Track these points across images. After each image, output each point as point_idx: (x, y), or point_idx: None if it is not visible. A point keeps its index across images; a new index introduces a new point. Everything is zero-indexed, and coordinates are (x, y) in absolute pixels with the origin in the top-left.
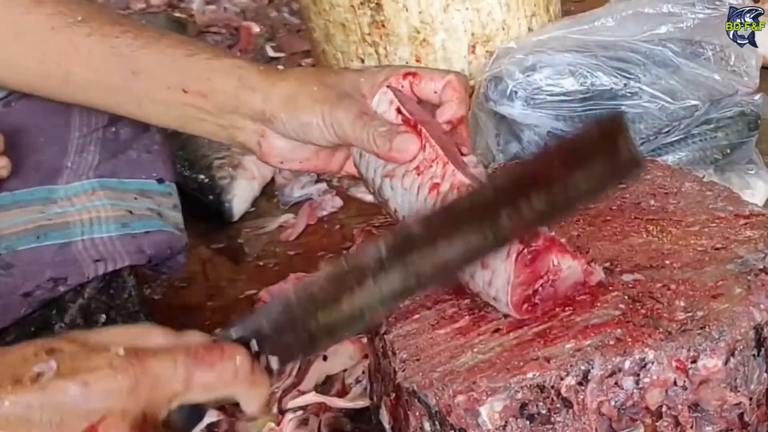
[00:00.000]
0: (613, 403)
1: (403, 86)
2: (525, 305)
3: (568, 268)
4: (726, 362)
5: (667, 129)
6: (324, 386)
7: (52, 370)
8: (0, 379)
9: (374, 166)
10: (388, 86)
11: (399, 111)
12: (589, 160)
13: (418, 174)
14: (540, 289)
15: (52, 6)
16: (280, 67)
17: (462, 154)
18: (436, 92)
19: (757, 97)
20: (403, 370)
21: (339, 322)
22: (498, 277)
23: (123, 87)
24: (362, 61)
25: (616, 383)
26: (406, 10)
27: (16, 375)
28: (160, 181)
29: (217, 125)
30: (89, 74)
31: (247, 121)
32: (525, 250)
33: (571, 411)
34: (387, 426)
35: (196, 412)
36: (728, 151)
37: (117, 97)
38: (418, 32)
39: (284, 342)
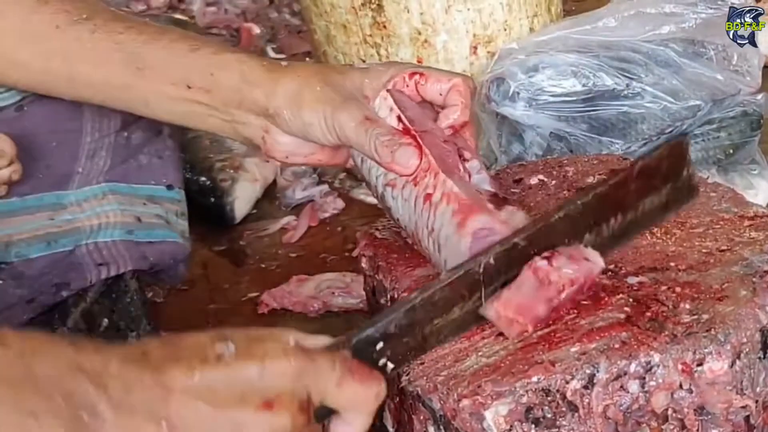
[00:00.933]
0: (618, 406)
1: (408, 86)
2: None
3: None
4: (732, 365)
5: (669, 129)
6: None
7: (232, 351)
8: (187, 357)
9: (376, 173)
10: (388, 90)
11: (399, 119)
12: (659, 184)
13: (415, 184)
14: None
15: (57, 5)
16: (284, 63)
17: (465, 160)
18: (441, 94)
19: (759, 96)
20: (407, 374)
21: (449, 327)
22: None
23: (128, 83)
24: (364, 62)
25: (621, 387)
26: (408, 11)
27: (201, 354)
28: (170, 187)
29: (222, 120)
30: (94, 71)
31: (251, 116)
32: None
33: (576, 415)
34: (391, 429)
35: (326, 415)
36: (731, 151)
37: (123, 94)
38: (420, 33)
39: (402, 345)
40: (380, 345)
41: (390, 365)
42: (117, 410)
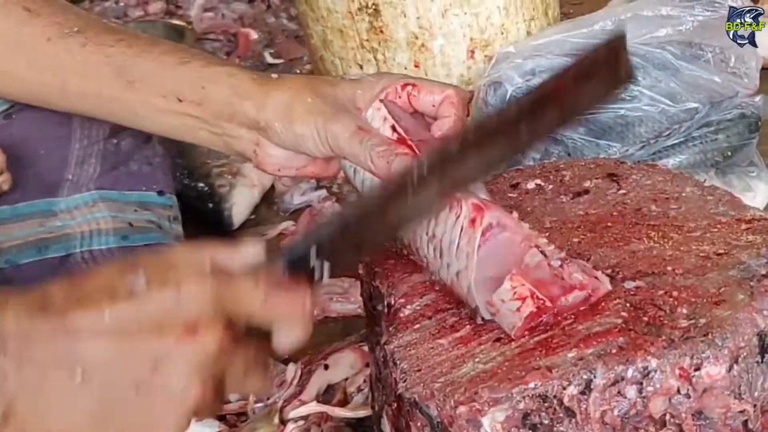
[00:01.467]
0: (616, 412)
1: (400, 97)
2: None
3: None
4: (729, 369)
5: (667, 132)
6: (325, 395)
7: (143, 283)
8: (97, 297)
9: (370, 184)
10: (381, 100)
11: (394, 128)
12: (595, 75)
13: None
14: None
15: (48, 17)
16: (274, 75)
17: None
18: (433, 105)
19: (757, 98)
20: (404, 381)
21: (384, 231)
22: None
23: (119, 96)
24: (361, 67)
25: (619, 392)
26: (404, 15)
27: (109, 292)
28: (161, 193)
29: (212, 134)
30: (85, 84)
31: (242, 129)
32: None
33: (574, 421)
34: None
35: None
36: (729, 153)
37: (113, 106)
38: (417, 37)
39: (337, 251)
40: (315, 259)
41: (326, 264)
42: (19, 364)
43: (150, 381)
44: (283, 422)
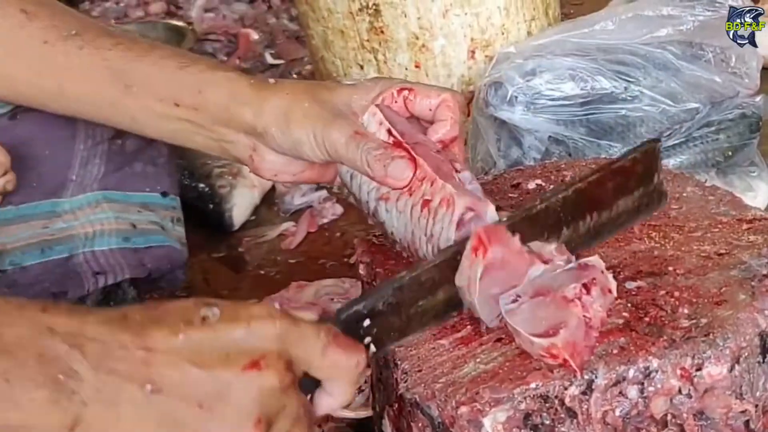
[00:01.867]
0: (617, 412)
1: (397, 101)
2: None
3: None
4: (731, 369)
5: (668, 132)
6: None
7: (217, 315)
8: (173, 320)
9: (367, 189)
10: (377, 105)
11: (390, 132)
12: (632, 186)
13: (410, 194)
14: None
15: (46, 20)
16: (272, 80)
17: (456, 171)
18: (430, 110)
19: (758, 98)
20: (405, 381)
21: (433, 310)
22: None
23: (116, 100)
24: (361, 67)
25: (620, 392)
26: (405, 15)
27: (185, 318)
28: (164, 194)
29: (209, 138)
30: (83, 87)
31: (239, 134)
32: None
33: (575, 421)
34: None
35: (309, 386)
36: (730, 153)
37: (111, 110)
38: (417, 38)
39: (387, 323)
40: (367, 322)
41: (373, 347)
42: (96, 371)
43: (212, 405)
44: None
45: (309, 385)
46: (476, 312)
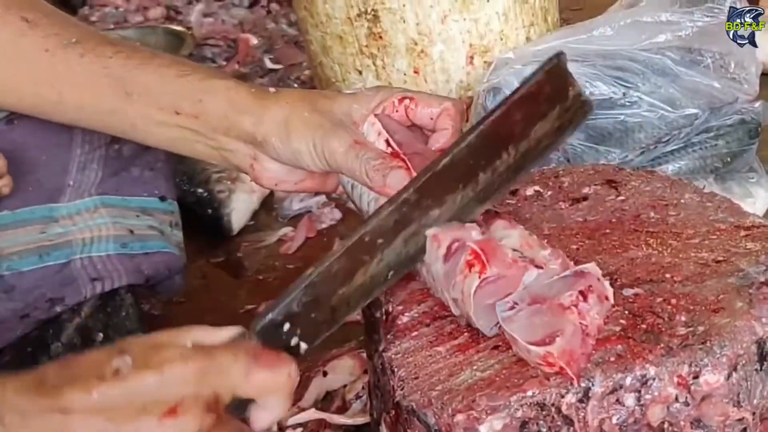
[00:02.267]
0: (614, 420)
1: (398, 111)
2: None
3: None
4: (728, 377)
5: (666, 138)
6: (324, 402)
7: (129, 364)
8: (84, 376)
9: (367, 198)
10: (376, 115)
11: (388, 143)
12: (546, 109)
13: None
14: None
15: (47, 28)
16: (272, 89)
17: None
18: (432, 119)
19: (757, 104)
20: (402, 389)
21: (357, 293)
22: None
23: (116, 108)
24: (360, 72)
25: (617, 400)
26: (404, 21)
27: (97, 372)
28: (162, 198)
29: (209, 147)
30: (83, 95)
31: (239, 143)
32: None
33: (572, 429)
34: None
35: (243, 405)
36: (729, 159)
37: (111, 118)
38: (416, 43)
39: (311, 321)
40: (287, 326)
41: (303, 345)
42: None
43: None
44: (282, 429)
45: (242, 404)
46: (473, 323)
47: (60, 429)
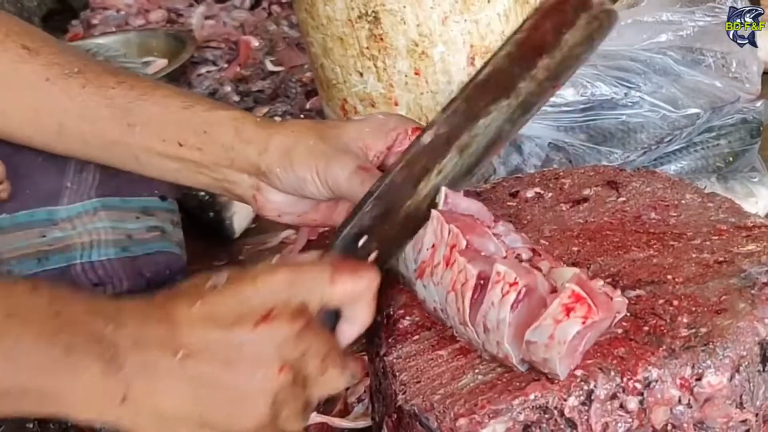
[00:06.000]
0: (618, 423)
1: (410, 140)
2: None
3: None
4: (731, 379)
5: (668, 138)
6: (326, 406)
7: (224, 280)
8: (187, 294)
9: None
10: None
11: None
12: (573, 17)
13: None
14: None
15: (48, 57)
16: (278, 119)
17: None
18: None
19: (759, 103)
20: (404, 393)
21: (423, 204)
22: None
23: (119, 140)
24: (361, 74)
25: (620, 404)
26: (404, 23)
27: (198, 289)
28: (163, 198)
29: (212, 179)
30: (84, 126)
31: (243, 175)
32: None
33: None
34: None
35: (331, 320)
36: (731, 159)
37: (113, 150)
38: (417, 45)
39: (385, 233)
40: (363, 240)
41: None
42: (135, 345)
43: (236, 362)
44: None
45: (331, 318)
46: (507, 359)
47: (171, 337)
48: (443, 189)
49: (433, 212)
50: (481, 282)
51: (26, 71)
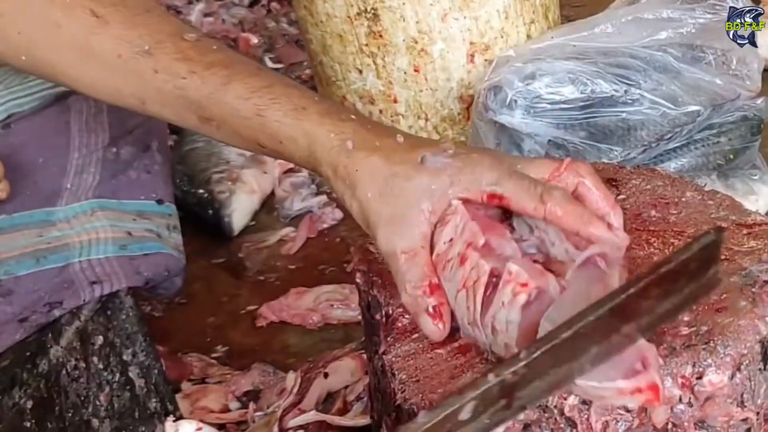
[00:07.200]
0: (618, 422)
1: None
2: None
3: None
4: (732, 377)
5: (669, 135)
6: (325, 404)
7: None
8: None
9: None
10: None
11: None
12: (681, 286)
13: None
14: None
15: (117, 29)
16: (350, 143)
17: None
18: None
19: (759, 101)
20: (403, 391)
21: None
22: None
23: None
24: (360, 72)
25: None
26: (404, 19)
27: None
28: (160, 202)
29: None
30: (162, 110)
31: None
32: None
33: (575, 431)
34: None
35: None
36: (731, 156)
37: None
38: (416, 42)
39: None
40: None
41: None
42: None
43: None
44: (283, 431)
45: None
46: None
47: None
48: None
49: (459, 205)
50: (494, 280)
51: (97, 43)
